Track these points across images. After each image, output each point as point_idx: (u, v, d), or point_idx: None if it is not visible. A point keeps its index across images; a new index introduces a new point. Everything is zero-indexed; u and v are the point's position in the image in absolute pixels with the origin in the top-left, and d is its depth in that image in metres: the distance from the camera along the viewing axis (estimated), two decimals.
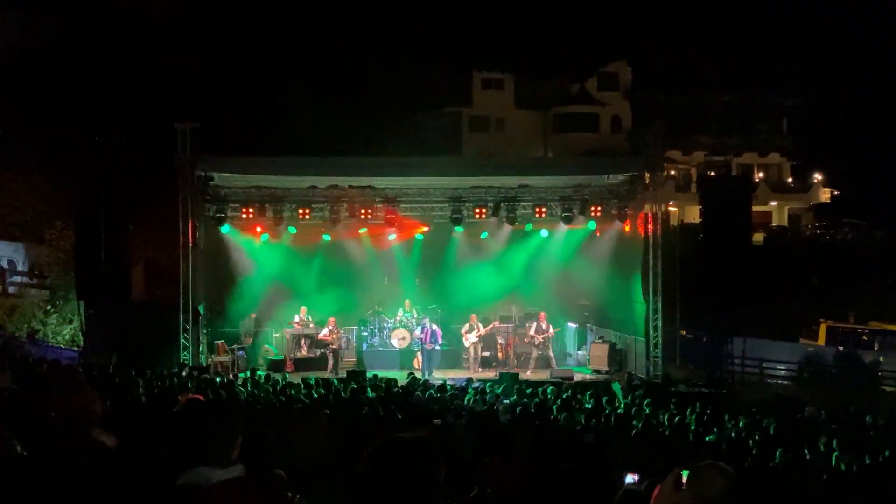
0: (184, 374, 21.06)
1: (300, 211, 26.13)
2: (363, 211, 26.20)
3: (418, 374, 23.73)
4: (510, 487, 7.85)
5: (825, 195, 64.42)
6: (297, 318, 27.62)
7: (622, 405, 18.61)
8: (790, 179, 65.25)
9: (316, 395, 17.11)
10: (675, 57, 59.58)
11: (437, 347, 26.81)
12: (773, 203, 62.35)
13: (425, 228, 28.71)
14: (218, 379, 20.35)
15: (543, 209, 26.71)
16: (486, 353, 27.75)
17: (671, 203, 49.24)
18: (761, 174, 63.43)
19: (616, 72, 62.53)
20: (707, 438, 14.99)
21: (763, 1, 64.01)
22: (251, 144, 33.77)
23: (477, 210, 26.67)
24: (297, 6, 54.82)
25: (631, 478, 6.74)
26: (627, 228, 26.53)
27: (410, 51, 53.01)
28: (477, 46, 58.02)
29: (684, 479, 4.30)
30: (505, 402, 17.84)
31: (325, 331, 26.82)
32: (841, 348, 33.03)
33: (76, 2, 50.45)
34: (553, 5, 61.17)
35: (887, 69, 57.08)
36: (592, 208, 26.57)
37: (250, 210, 25.77)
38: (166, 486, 4.86)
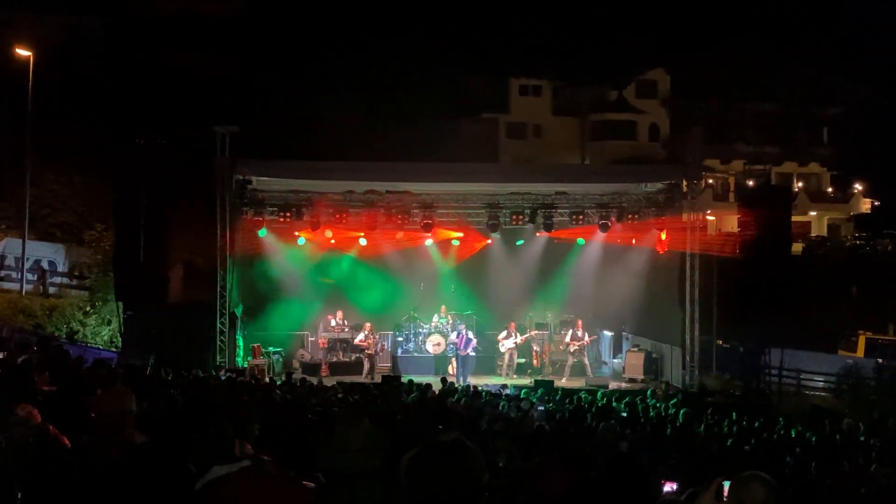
0: (221, 376, 21.17)
1: (337, 215, 26.21)
2: (400, 216, 26.26)
3: (452, 381, 23.73)
4: (544, 495, 7.83)
5: (865, 205, 63.88)
6: (333, 323, 27.72)
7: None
8: (830, 189, 64.75)
9: (351, 400, 17.14)
10: (714, 65, 59.28)
11: (472, 353, 26.82)
12: (813, 213, 61.93)
13: (462, 234, 28.69)
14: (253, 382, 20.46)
15: (580, 216, 26.66)
16: (522, 360, 27.72)
17: (709, 212, 48.97)
18: (801, 184, 62.99)
19: (654, 79, 62.33)
20: (745, 448, 14.88)
21: (803, 8, 63.51)
22: (289, 149, 33.93)
23: (514, 217, 26.64)
24: (335, 12, 55.03)
25: (669, 487, 6.70)
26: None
27: (448, 57, 53.08)
28: (515, 53, 57.99)
29: (726, 490, 4.26)
30: (539, 409, 17.83)
31: (362, 336, 26.89)
32: (880, 360, 32.60)
33: (117, 4, 51.00)
34: (591, 12, 61.04)
35: None
36: (629, 216, 26.49)
37: (287, 214, 25.88)
38: (190, 486, 4.95)
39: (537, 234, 28.44)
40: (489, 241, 29.06)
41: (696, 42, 59.74)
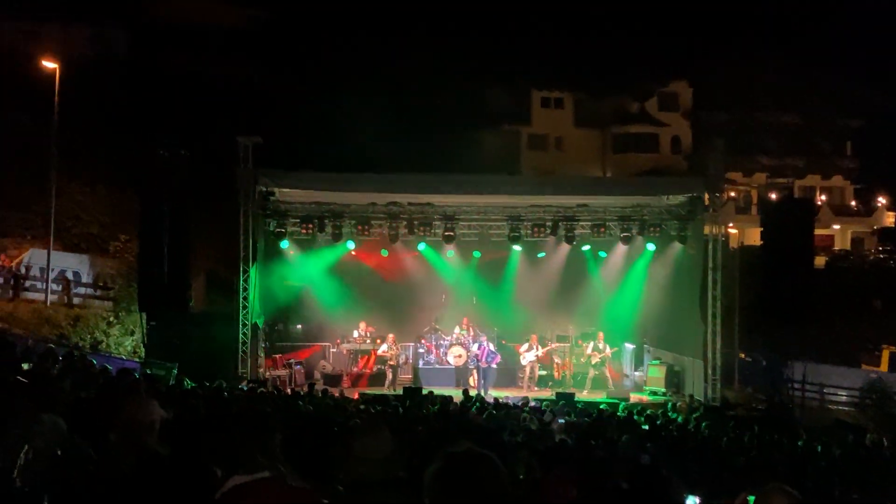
0: (243, 387, 21.22)
1: (359, 227, 26.30)
2: (421, 228, 26.31)
3: (474, 392, 23.71)
4: None
5: (889, 219, 63.54)
6: (356, 334, 27.77)
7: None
8: (853, 203, 64.42)
9: (373, 411, 17.15)
10: (736, 77, 59.14)
11: (493, 366, 26.81)
12: (836, 226, 61.61)
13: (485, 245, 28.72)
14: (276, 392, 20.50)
15: (602, 229, 26.65)
16: (543, 373, 27.68)
17: (731, 224, 48.82)
18: (824, 197, 62.71)
19: (676, 92, 62.28)
20: (768, 462, 14.80)
21: (827, 20, 63.33)
22: (311, 160, 34.07)
23: (535, 229, 26.64)
24: (358, 22, 55.26)
25: (692, 500, 6.69)
26: (692, 251, 26.25)
27: (470, 69, 53.18)
28: (537, 65, 58.06)
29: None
30: (560, 421, 17.78)
31: (384, 347, 26.93)
32: None
33: (141, 16, 51.36)
34: (614, 25, 61.06)
35: None
36: (651, 229, 26.45)
37: (310, 225, 25.98)
38: (210, 495, 5.00)
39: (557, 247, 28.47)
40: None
41: (718, 54, 59.65)
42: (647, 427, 17.62)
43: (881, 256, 56.35)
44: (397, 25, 54.25)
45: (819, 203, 59.05)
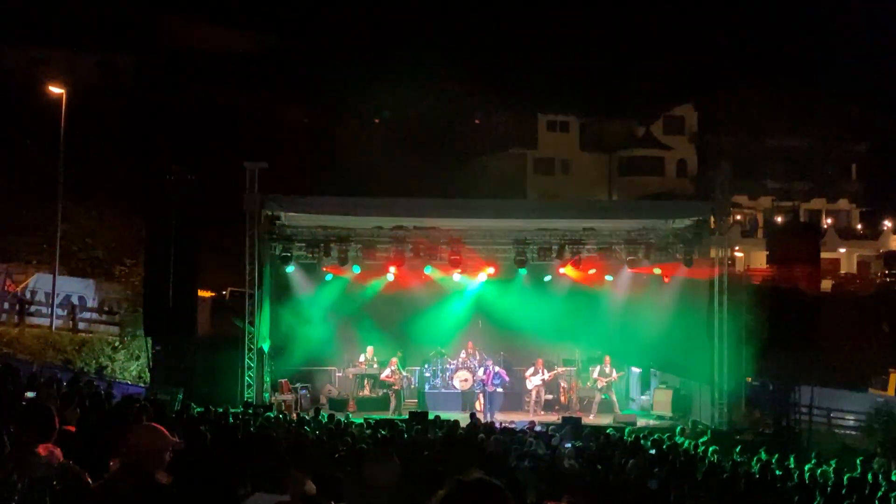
0: (250, 411, 21.18)
1: (365, 251, 26.29)
2: (428, 252, 26.29)
3: (481, 416, 23.65)
4: None
5: (895, 242, 63.42)
6: (362, 358, 27.71)
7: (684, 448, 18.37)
8: (859, 226, 64.32)
9: (380, 436, 17.11)
10: (742, 100, 59.23)
11: (499, 390, 26.75)
12: (842, 250, 61.44)
13: (491, 269, 28.47)
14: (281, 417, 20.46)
15: (608, 252, 26.64)
16: (549, 397, 27.61)
17: (737, 248, 48.77)
18: (830, 220, 62.64)
19: (682, 115, 62.32)
20: (776, 487, 14.75)
21: (831, 44, 63.52)
22: (317, 185, 34.12)
23: (541, 253, 26.61)
24: (363, 48, 55.48)
25: None
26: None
27: (476, 93, 53.34)
28: (542, 89, 58.18)
29: None
30: (567, 446, 17.73)
31: (388, 371, 26.89)
32: None
33: (148, 42, 51.66)
34: (619, 48, 61.28)
35: None
36: (657, 252, 26.41)
37: (315, 249, 25.99)
38: None
39: (559, 272, 28.27)
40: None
41: (723, 78, 59.78)
42: (654, 452, 17.57)
43: (887, 280, 56.22)
44: (403, 50, 54.43)
45: (825, 226, 58.98)
